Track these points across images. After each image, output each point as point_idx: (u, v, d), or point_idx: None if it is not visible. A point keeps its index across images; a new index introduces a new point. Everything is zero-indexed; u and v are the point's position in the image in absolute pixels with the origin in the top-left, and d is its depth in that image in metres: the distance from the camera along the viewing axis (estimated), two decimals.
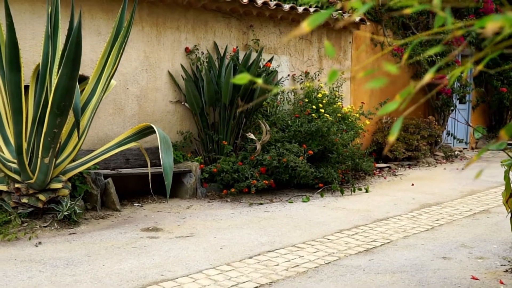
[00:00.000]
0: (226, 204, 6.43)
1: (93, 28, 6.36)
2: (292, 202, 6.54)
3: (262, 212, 5.97)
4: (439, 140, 11.03)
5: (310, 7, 8.26)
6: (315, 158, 7.39)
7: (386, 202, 6.60)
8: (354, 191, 7.24)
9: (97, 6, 6.38)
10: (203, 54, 7.36)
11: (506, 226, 4.85)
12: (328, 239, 4.83)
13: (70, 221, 5.16)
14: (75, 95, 4.82)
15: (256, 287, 3.58)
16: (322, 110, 7.65)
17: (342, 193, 7.08)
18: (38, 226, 5.01)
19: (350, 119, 8.09)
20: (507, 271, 3.96)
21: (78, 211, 5.20)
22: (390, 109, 1.05)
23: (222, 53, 7.48)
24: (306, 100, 7.96)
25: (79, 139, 5.31)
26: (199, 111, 7.06)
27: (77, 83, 4.81)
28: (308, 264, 4.08)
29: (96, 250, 4.37)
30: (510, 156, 3.51)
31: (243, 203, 6.48)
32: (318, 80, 8.62)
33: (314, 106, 7.74)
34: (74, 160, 5.56)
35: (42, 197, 5.10)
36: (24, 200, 5.06)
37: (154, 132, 5.36)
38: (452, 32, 1.06)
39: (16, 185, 5.10)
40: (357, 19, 8.73)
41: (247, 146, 7.05)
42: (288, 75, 8.50)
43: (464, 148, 12.17)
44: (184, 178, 6.67)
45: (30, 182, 5.06)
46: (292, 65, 8.61)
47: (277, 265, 4.06)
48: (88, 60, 6.21)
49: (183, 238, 4.81)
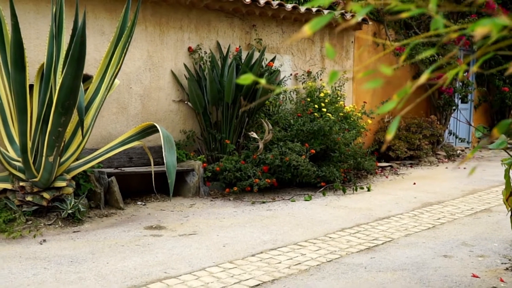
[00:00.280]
0: (228, 202, 6.47)
1: (96, 27, 6.40)
2: (294, 201, 6.58)
3: (264, 211, 6.01)
4: (441, 139, 11.05)
5: (312, 7, 8.28)
6: (317, 157, 7.42)
7: (388, 201, 6.63)
8: (356, 190, 7.27)
9: (100, 6, 6.43)
10: (206, 53, 7.40)
11: (507, 225, 4.87)
12: (330, 237, 4.87)
13: (74, 219, 5.21)
14: (79, 94, 4.87)
15: (259, 285, 3.62)
16: (324, 109, 7.68)
17: (344, 192, 7.11)
18: (43, 224, 5.06)
19: (352, 118, 8.12)
20: (507, 269, 3.99)
21: (82, 209, 5.25)
22: (387, 108, 1.09)
23: (225, 52, 7.52)
24: (309, 99, 7.99)
25: (83, 138, 5.35)
26: (202, 110, 7.10)
27: (81, 82, 4.85)
28: (310, 262, 4.12)
29: (100, 248, 4.42)
30: (510, 155, 3.54)
31: (246, 201, 6.52)
32: (321, 80, 8.65)
33: (316, 106, 7.77)
34: (78, 158, 5.60)
35: (46, 195, 5.15)
36: (29, 198, 5.11)
37: (157, 131, 5.39)
38: (447, 35, 1.10)
39: (21, 183, 5.14)
40: (359, 18, 8.76)
41: (250, 145, 7.09)
42: (291, 75, 8.53)
43: (466, 148, 12.17)
44: (187, 177, 6.72)
45: (34, 180, 5.10)
46: (295, 64, 8.64)
47: (279, 263, 4.09)
48: (92, 59, 6.25)
49: (186, 236, 4.85)
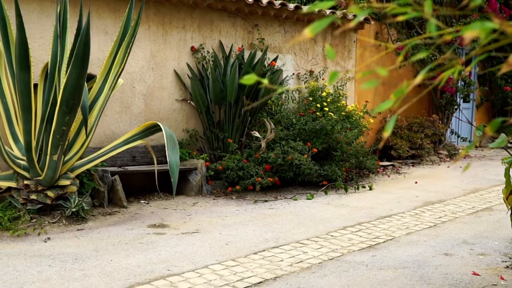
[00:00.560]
0: (231, 201, 6.51)
1: (100, 27, 6.45)
2: (296, 200, 6.61)
3: (266, 209, 6.05)
4: (443, 138, 11.07)
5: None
6: (319, 156, 7.45)
7: (390, 200, 6.66)
8: (358, 189, 7.30)
9: (104, 6, 6.47)
10: (209, 53, 7.44)
11: (508, 223, 4.89)
12: (332, 236, 4.90)
13: (78, 217, 5.25)
14: (83, 93, 4.91)
15: (261, 282, 3.65)
16: (327, 109, 7.71)
17: (346, 190, 7.14)
18: (47, 222, 5.11)
19: (354, 118, 8.14)
20: (507, 267, 4.02)
21: (85, 208, 5.29)
22: (384, 107, 1.12)
23: (227, 52, 7.55)
24: (311, 98, 8.02)
25: (87, 136, 5.39)
26: (204, 109, 7.14)
27: (85, 81, 4.89)
28: (312, 260, 4.15)
29: (104, 246, 4.46)
30: (510, 154, 3.57)
31: (248, 200, 6.55)
32: (323, 79, 8.68)
33: (318, 105, 7.80)
34: (81, 157, 5.64)
35: (50, 193, 5.19)
36: (33, 196, 5.15)
37: (160, 130, 5.42)
38: (441, 37, 1.13)
39: (25, 181, 5.18)
40: (359, 20, 8.77)
41: (252, 144, 7.12)
42: (293, 74, 8.56)
43: None
44: (189, 176, 6.75)
45: (39, 179, 5.15)
46: (297, 64, 8.67)
47: (281, 260, 4.13)
48: (95, 59, 6.29)
49: (189, 234, 4.89)
